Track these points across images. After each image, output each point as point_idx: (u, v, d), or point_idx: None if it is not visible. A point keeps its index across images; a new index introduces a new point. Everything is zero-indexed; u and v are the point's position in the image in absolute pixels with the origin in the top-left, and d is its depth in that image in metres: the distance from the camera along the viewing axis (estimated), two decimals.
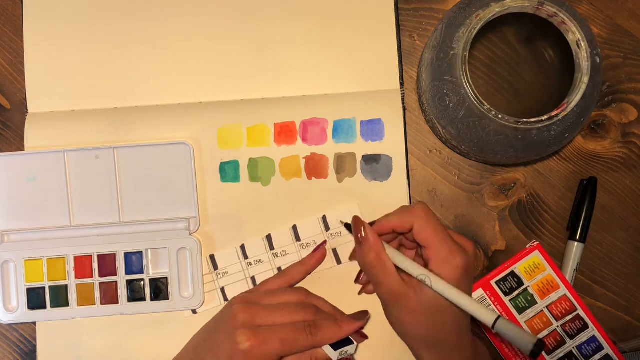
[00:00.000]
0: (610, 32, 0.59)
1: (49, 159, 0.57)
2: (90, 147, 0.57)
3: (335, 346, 0.51)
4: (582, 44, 0.47)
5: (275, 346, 0.49)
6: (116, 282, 0.57)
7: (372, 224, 0.50)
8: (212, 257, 0.57)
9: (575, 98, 0.47)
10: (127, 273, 0.57)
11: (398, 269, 0.48)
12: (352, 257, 0.56)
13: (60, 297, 0.56)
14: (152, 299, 0.57)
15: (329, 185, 0.57)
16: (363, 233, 0.49)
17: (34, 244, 0.56)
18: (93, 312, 0.56)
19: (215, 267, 0.57)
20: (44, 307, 0.56)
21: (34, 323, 0.57)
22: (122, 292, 0.57)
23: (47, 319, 0.56)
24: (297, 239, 0.57)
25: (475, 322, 0.55)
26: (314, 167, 0.57)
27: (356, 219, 0.50)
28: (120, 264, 0.57)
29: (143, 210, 0.57)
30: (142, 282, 0.57)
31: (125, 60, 0.59)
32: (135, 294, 0.57)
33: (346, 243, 0.57)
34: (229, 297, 0.57)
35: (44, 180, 0.57)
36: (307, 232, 0.57)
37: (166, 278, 0.57)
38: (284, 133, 0.58)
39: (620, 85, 0.58)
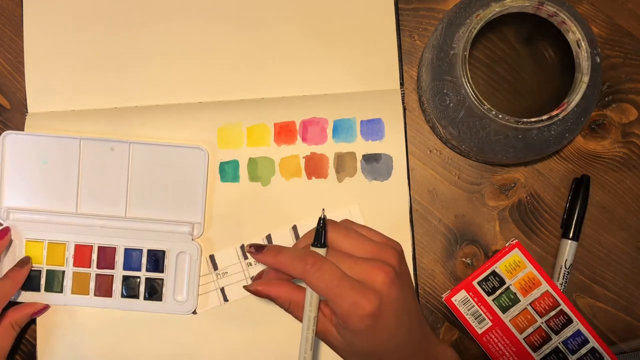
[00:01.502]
0: (610, 32, 0.59)
1: (63, 144, 0.57)
2: (107, 139, 0.56)
3: None
4: (582, 44, 0.47)
5: None
6: (113, 275, 0.57)
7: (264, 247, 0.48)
8: (211, 257, 0.57)
9: (575, 98, 0.47)
10: (124, 268, 0.57)
11: None
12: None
13: (55, 282, 0.56)
14: (145, 298, 0.57)
15: (329, 185, 0.57)
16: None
17: (38, 225, 0.56)
18: (85, 302, 0.56)
19: (215, 267, 0.57)
20: (37, 289, 0.56)
21: (35, 323, 0.57)
22: (117, 286, 0.57)
23: (40, 299, 0.56)
24: (298, 239, 0.57)
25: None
26: (314, 167, 0.57)
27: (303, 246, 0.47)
28: (120, 258, 0.57)
29: (149, 209, 0.57)
30: (138, 280, 0.57)
31: (125, 60, 0.58)
32: (129, 291, 0.57)
33: None
34: (229, 298, 0.57)
35: (55, 164, 0.57)
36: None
37: (162, 279, 0.57)
38: (284, 133, 0.58)
39: (620, 85, 0.58)
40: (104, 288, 0.56)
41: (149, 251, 0.57)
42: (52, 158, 0.57)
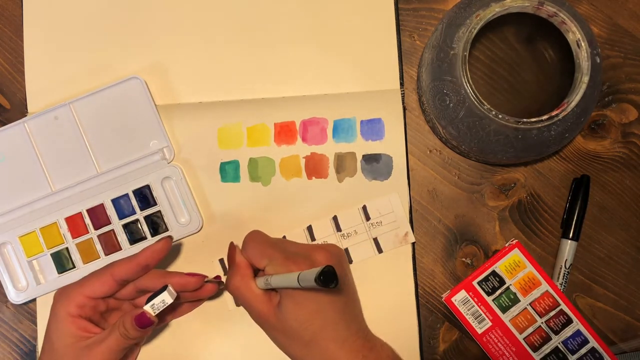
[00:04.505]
0: (610, 32, 0.59)
1: (12, 134, 0.57)
2: (47, 110, 0.57)
3: (150, 299, 0.47)
4: (582, 44, 0.47)
5: (78, 289, 0.48)
6: (113, 229, 0.57)
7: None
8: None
9: (575, 98, 0.47)
10: (120, 218, 0.57)
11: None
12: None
13: (64, 261, 0.56)
14: (152, 235, 0.57)
15: (329, 185, 0.57)
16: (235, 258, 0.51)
17: (23, 219, 0.56)
18: (101, 265, 0.56)
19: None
20: (52, 275, 0.56)
21: (35, 323, 0.57)
22: (122, 237, 0.57)
23: (58, 286, 0.56)
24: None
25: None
26: (314, 167, 0.57)
27: (231, 244, 0.51)
28: (111, 211, 0.57)
29: (116, 155, 0.57)
30: (138, 222, 0.57)
31: (125, 60, 0.58)
32: (134, 235, 0.57)
33: (385, 233, 0.57)
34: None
35: (13, 156, 0.57)
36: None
37: (159, 211, 0.57)
38: (284, 133, 0.58)
39: (620, 85, 0.58)
40: (110, 244, 0.56)
41: (134, 191, 0.57)
42: (6, 153, 0.57)
